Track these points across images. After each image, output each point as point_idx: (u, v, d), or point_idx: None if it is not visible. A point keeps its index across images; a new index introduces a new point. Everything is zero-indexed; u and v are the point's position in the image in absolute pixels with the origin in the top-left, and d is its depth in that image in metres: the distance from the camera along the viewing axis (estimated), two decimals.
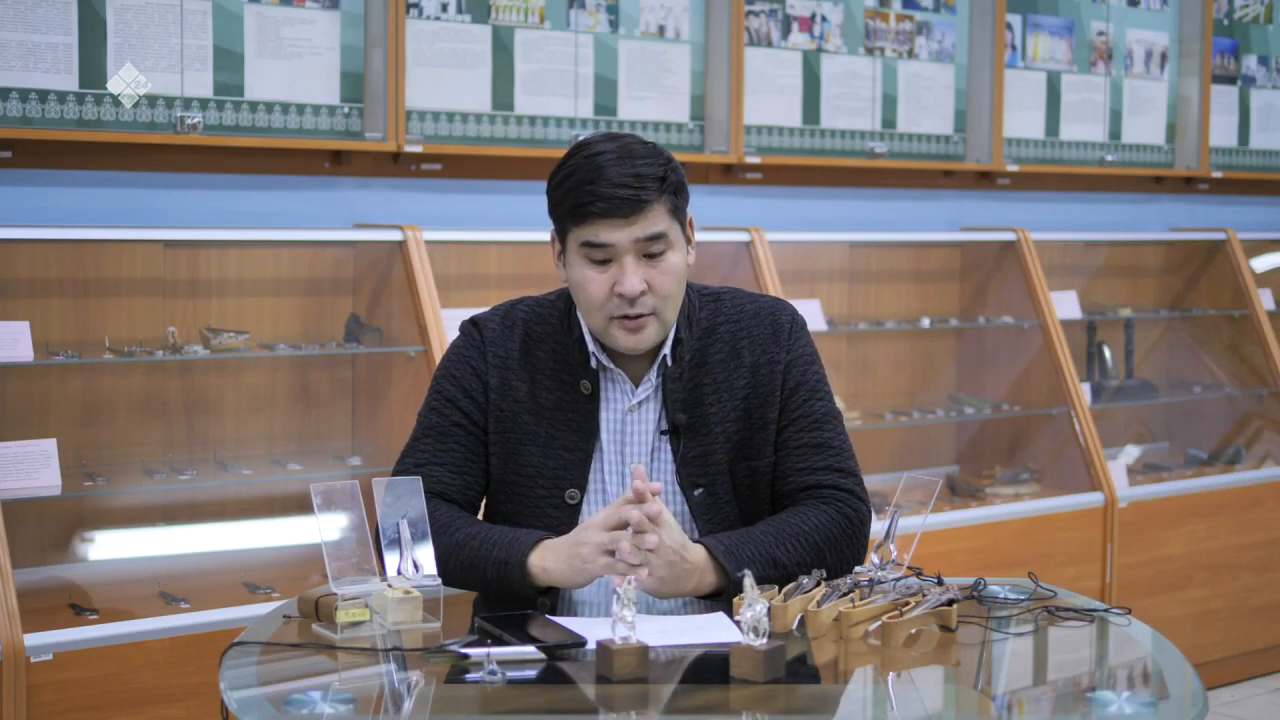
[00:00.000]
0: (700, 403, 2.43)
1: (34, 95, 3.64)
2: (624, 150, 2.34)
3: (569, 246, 2.38)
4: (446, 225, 4.24)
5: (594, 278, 2.35)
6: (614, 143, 2.36)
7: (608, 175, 2.31)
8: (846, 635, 2.17)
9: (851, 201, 5.12)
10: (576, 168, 2.34)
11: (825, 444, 2.45)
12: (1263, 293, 5.76)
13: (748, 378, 2.45)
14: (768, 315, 2.49)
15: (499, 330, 2.48)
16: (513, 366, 2.45)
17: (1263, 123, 6.15)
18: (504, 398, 2.44)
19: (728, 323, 2.47)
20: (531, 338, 2.47)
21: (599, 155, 2.34)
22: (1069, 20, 5.52)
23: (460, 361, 2.48)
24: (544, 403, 2.43)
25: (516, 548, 2.29)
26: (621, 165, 2.32)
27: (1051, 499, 4.84)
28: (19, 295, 3.68)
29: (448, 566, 2.32)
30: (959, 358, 5.34)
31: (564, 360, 2.45)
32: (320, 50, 4.03)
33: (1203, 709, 1.96)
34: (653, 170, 2.33)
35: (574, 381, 2.44)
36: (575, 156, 2.37)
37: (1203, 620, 5.11)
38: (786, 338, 2.47)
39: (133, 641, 3.31)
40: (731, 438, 2.44)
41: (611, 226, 2.32)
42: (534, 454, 2.43)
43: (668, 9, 4.61)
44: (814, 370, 2.49)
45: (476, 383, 2.46)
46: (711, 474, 2.43)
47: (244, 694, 1.93)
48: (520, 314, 2.50)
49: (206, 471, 3.86)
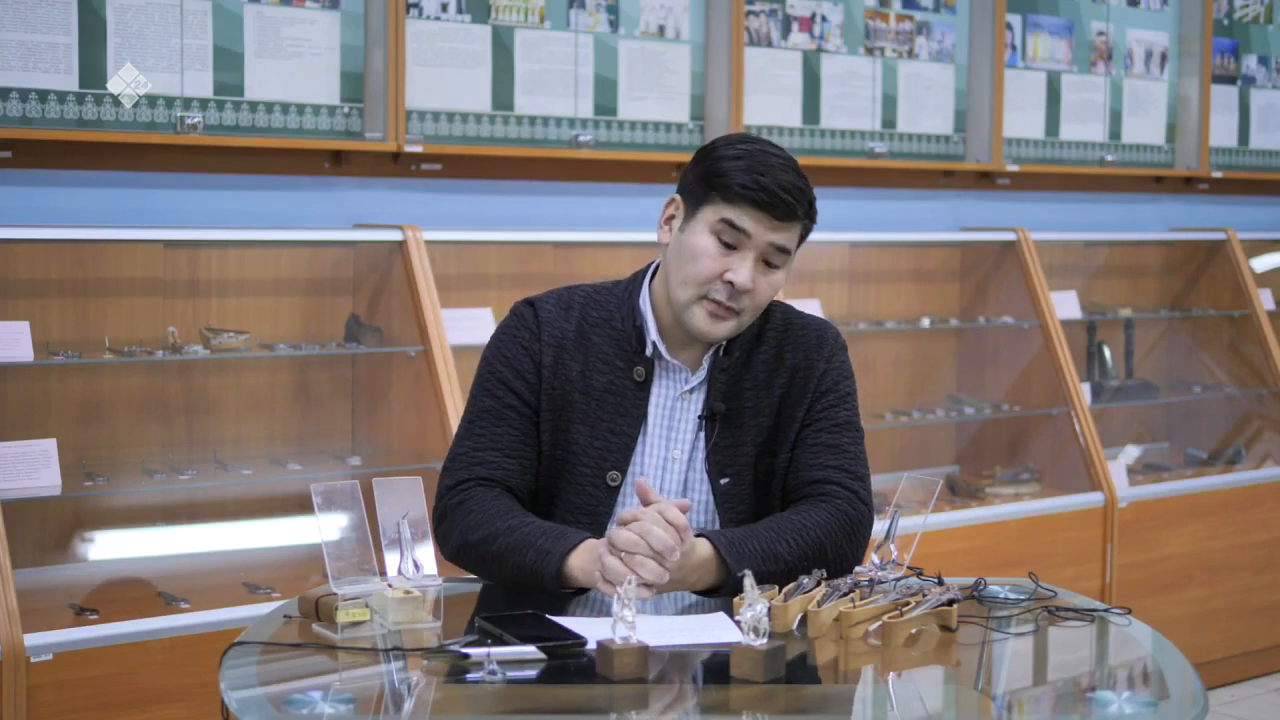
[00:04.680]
0: (739, 396, 2.48)
1: (34, 95, 3.64)
2: (790, 162, 2.43)
3: (700, 216, 2.41)
4: (446, 225, 4.24)
5: (714, 254, 2.39)
6: (780, 151, 2.44)
7: (780, 177, 2.38)
8: (847, 635, 2.17)
9: (851, 201, 5.12)
10: (749, 153, 2.40)
11: (840, 447, 2.49)
12: (1263, 293, 5.76)
13: (786, 378, 2.51)
14: (815, 329, 2.57)
15: (555, 311, 2.51)
16: (568, 347, 2.49)
17: (1263, 123, 6.15)
18: (557, 376, 2.48)
19: (775, 331, 2.54)
20: (587, 321, 2.51)
21: (771, 155, 2.41)
22: (1069, 20, 5.52)
23: (512, 342, 2.51)
24: (595, 384, 2.47)
25: (563, 541, 2.31)
26: (790, 174, 2.40)
27: (1051, 499, 4.84)
28: (19, 295, 3.68)
29: (491, 546, 2.35)
30: (959, 358, 5.34)
31: (619, 346, 2.49)
32: (320, 50, 4.03)
33: (1203, 709, 1.96)
34: (809, 193, 2.44)
35: (627, 368, 2.48)
36: (746, 144, 2.42)
37: (1203, 620, 5.11)
38: (829, 351, 2.55)
39: (133, 641, 3.31)
40: (762, 433, 2.49)
41: (760, 220, 2.38)
42: (582, 433, 2.46)
43: (668, 9, 4.61)
44: (846, 384, 2.55)
45: (529, 363, 2.48)
46: (739, 465, 2.47)
47: (244, 694, 1.93)
48: (577, 298, 2.54)
49: (206, 471, 3.86)
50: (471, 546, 2.38)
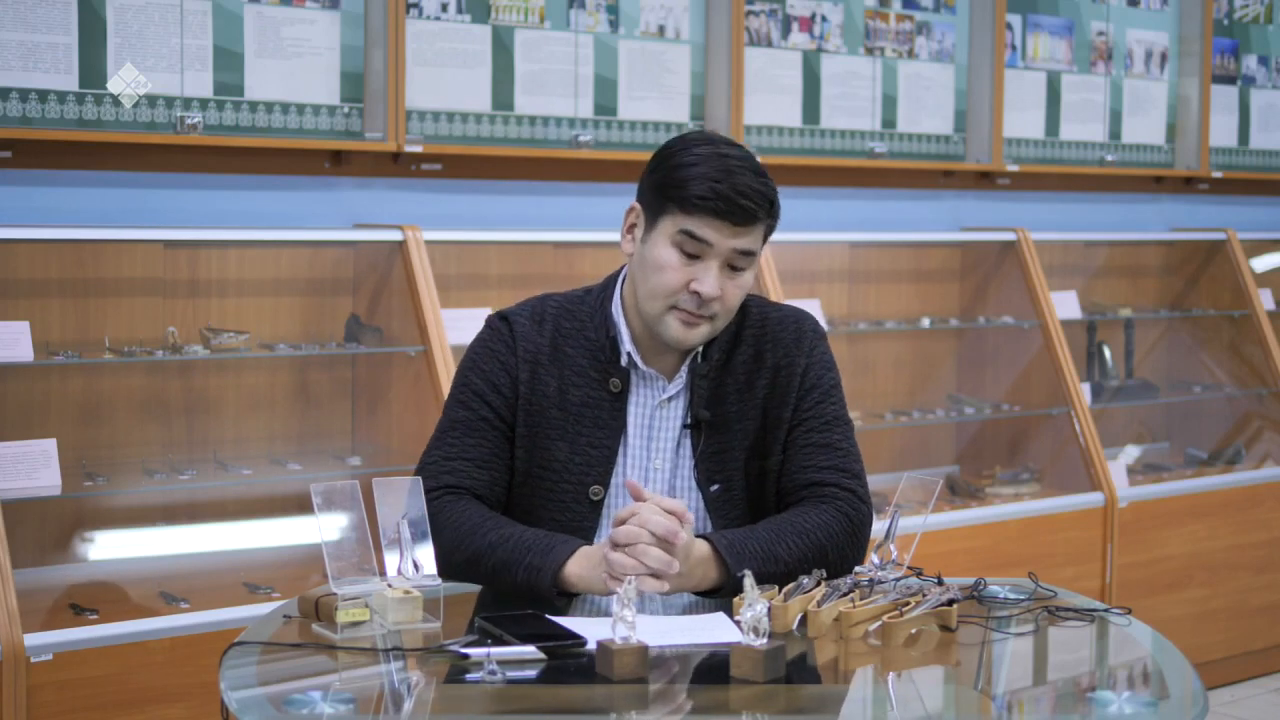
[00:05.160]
0: (723, 401, 2.46)
1: (34, 95, 3.64)
2: (748, 162, 2.37)
3: (660, 227, 2.38)
4: (446, 225, 4.24)
5: (677, 265, 2.36)
6: (735, 150, 2.38)
7: (736, 181, 2.33)
8: (846, 635, 2.17)
9: (851, 201, 5.12)
10: (703, 158, 2.35)
11: (832, 445, 2.48)
12: (1263, 293, 5.76)
13: (768, 379, 2.48)
14: (792, 323, 2.52)
15: (529, 326, 2.48)
16: (543, 362, 2.46)
17: (1263, 123, 6.15)
18: (533, 392, 2.45)
19: (753, 328, 2.50)
20: (561, 334, 2.48)
21: (727, 157, 2.35)
22: (1069, 20, 5.52)
23: (489, 356, 2.48)
24: (572, 399, 2.44)
25: (553, 554, 2.29)
26: (748, 176, 2.35)
27: (1051, 499, 4.84)
28: (19, 295, 3.68)
29: (479, 566, 2.33)
30: (959, 358, 5.34)
31: (593, 357, 2.46)
32: (320, 50, 4.03)
33: (1203, 709, 1.96)
34: (768, 192, 2.37)
35: (603, 379, 2.45)
36: (700, 147, 2.37)
37: (1203, 620, 5.11)
38: (808, 344, 2.51)
39: (133, 641, 3.31)
40: (749, 436, 2.46)
41: (719, 229, 2.34)
42: (561, 449, 2.44)
43: (668, 9, 4.61)
44: (830, 376, 2.52)
45: (505, 378, 2.46)
46: (728, 471, 2.45)
47: (244, 694, 1.93)
48: (550, 310, 2.50)
49: (206, 471, 3.86)
50: (456, 567, 2.34)
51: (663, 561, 2.20)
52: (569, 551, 2.29)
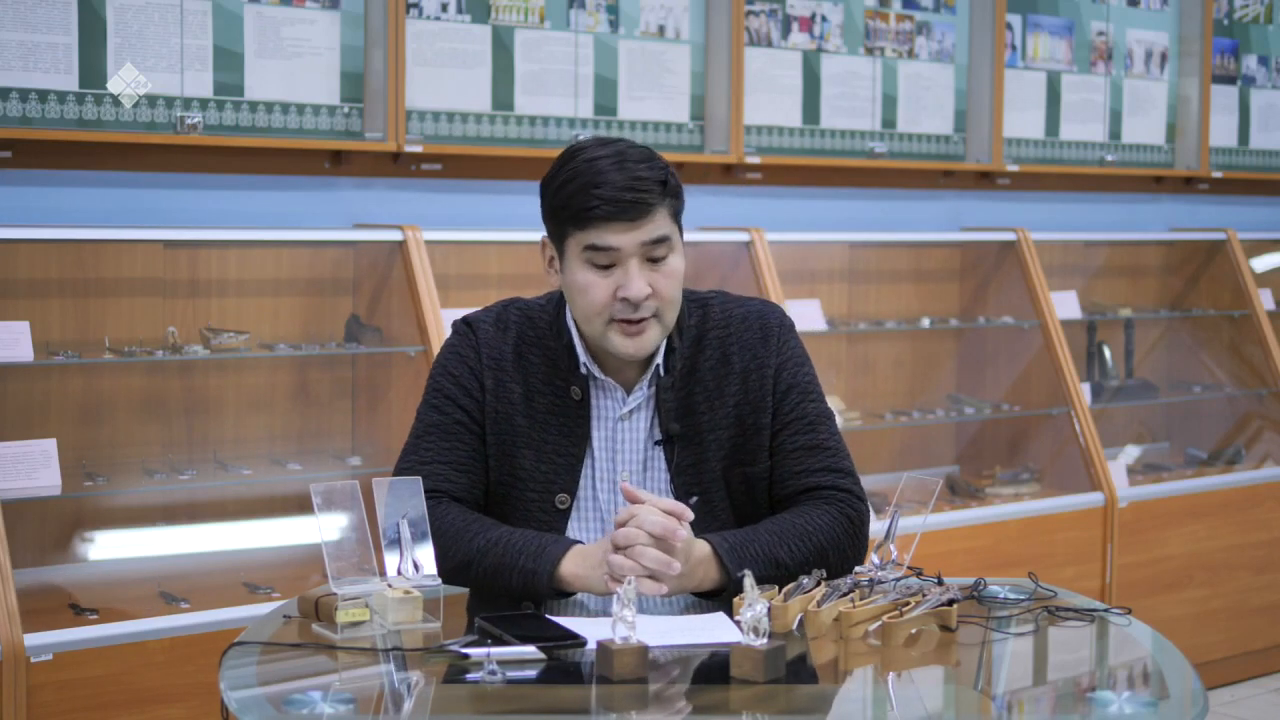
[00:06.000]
0: (693, 411, 2.43)
1: (34, 95, 3.64)
2: (621, 155, 2.34)
3: (568, 251, 2.37)
4: (446, 225, 4.24)
5: (596, 282, 2.34)
6: (609, 147, 2.35)
7: (610, 179, 2.30)
8: (846, 635, 2.17)
9: (851, 201, 5.12)
10: (577, 172, 2.33)
11: (821, 445, 2.46)
12: (1263, 293, 5.76)
13: (739, 384, 2.45)
14: (756, 319, 2.48)
15: (493, 332, 2.47)
16: (507, 369, 2.44)
17: (1263, 123, 6.15)
18: (499, 399, 2.43)
19: (716, 329, 2.47)
20: (524, 341, 2.46)
21: (598, 160, 2.33)
22: (1069, 20, 5.52)
23: (458, 360, 2.47)
24: (537, 406, 2.43)
25: (546, 556, 2.28)
26: (622, 170, 2.31)
27: (1051, 499, 4.84)
28: (19, 295, 3.68)
29: (470, 572, 2.32)
30: (959, 358, 5.34)
31: (555, 365, 2.44)
32: (320, 50, 4.03)
33: (1203, 709, 1.96)
34: (653, 174, 2.33)
35: (565, 386, 2.43)
36: (573, 161, 2.35)
37: (1203, 620, 5.11)
38: (776, 341, 2.47)
39: (133, 641, 3.31)
40: (724, 444, 2.43)
41: (616, 230, 2.32)
42: (527, 457, 2.42)
43: (668, 9, 4.61)
44: (804, 372, 2.49)
45: (474, 382, 2.44)
46: (706, 481, 2.43)
47: (244, 694, 1.93)
48: (513, 316, 2.49)
49: (206, 471, 3.86)
50: (445, 574, 2.30)
51: (661, 562, 2.20)
52: (562, 551, 2.28)
